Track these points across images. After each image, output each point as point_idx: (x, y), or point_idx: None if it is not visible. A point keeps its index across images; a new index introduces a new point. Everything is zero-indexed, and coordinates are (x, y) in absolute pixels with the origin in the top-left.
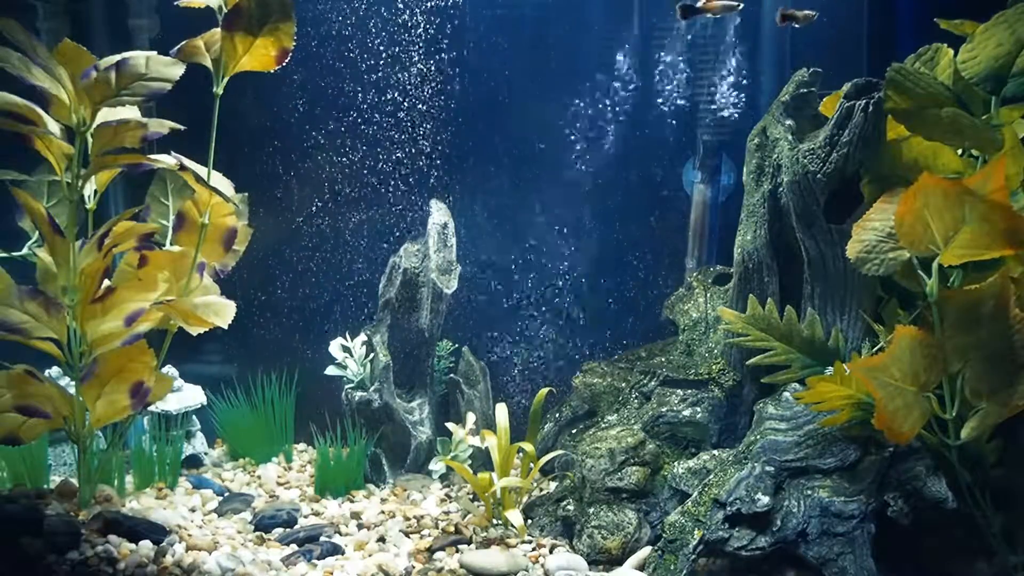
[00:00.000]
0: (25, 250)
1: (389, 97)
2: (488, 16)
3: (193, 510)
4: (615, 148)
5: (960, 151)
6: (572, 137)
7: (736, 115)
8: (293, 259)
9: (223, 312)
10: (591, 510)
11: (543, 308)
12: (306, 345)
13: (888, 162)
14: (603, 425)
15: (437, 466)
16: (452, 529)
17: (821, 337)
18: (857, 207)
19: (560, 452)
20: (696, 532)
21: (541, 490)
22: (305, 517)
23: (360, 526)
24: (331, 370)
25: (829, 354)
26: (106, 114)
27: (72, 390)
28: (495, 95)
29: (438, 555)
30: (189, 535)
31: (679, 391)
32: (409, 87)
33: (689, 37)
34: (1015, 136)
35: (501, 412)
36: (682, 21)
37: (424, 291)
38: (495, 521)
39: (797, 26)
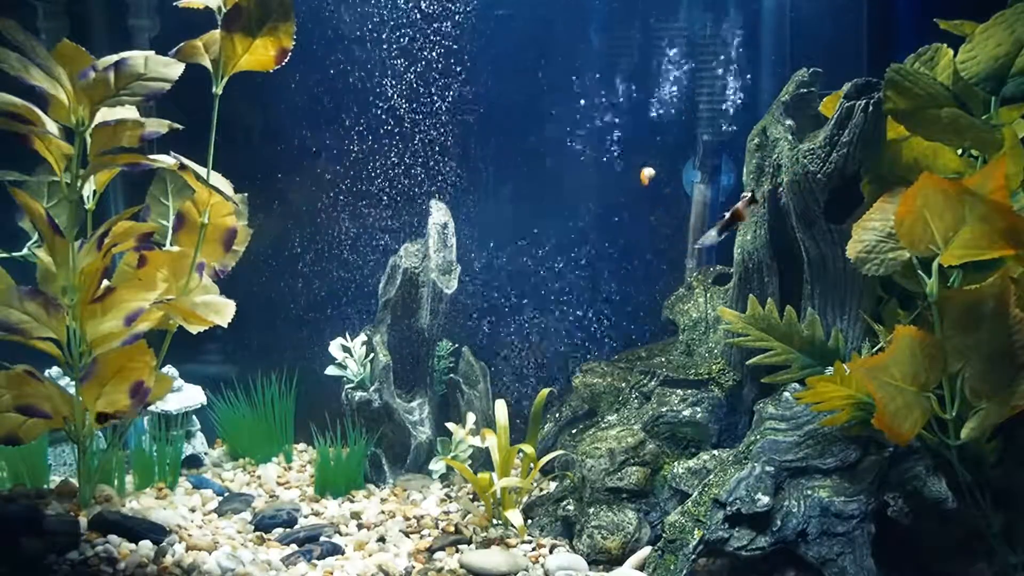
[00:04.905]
0: (25, 250)
1: (388, 97)
2: (489, 16)
3: (193, 510)
4: (615, 148)
5: (960, 151)
6: (572, 137)
7: (736, 115)
8: (293, 259)
9: (223, 311)
10: (591, 510)
11: (542, 308)
12: (306, 345)
13: (888, 162)
14: (603, 425)
15: (437, 466)
16: (452, 529)
17: (821, 337)
18: (857, 207)
19: (560, 452)
20: (696, 532)
21: (541, 490)
22: (305, 517)
23: (360, 526)
24: (331, 370)
25: (829, 354)
26: (105, 114)
27: (72, 390)
28: (494, 96)
29: (438, 555)
30: (189, 535)
31: (679, 391)
32: (407, 87)
33: (689, 37)
34: (1015, 136)
35: (501, 411)
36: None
37: (424, 291)
38: (495, 521)
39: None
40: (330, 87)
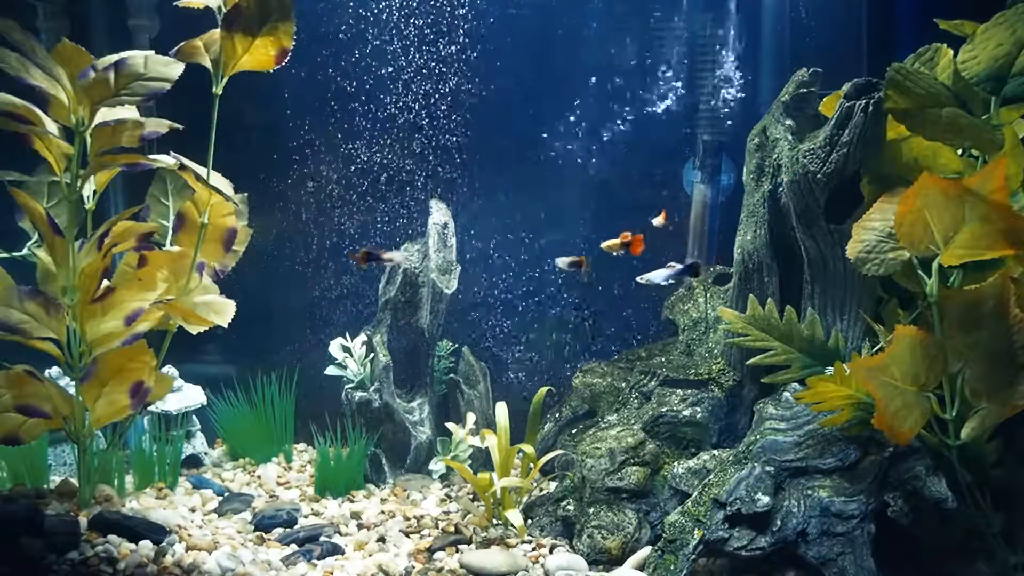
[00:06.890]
0: (25, 250)
1: (386, 96)
2: (489, 16)
3: (193, 510)
4: (615, 148)
5: (960, 151)
6: (572, 137)
7: (736, 115)
8: (294, 259)
9: (223, 311)
10: (591, 510)
11: (543, 307)
12: (306, 345)
13: (888, 162)
14: (603, 425)
15: (437, 466)
16: (452, 529)
17: (821, 337)
18: (857, 207)
19: (560, 452)
20: (696, 532)
21: (541, 490)
22: (305, 517)
23: (360, 526)
24: (331, 370)
25: (829, 354)
26: (105, 114)
27: (72, 390)
28: (495, 96)
29: (438, 555)
30: (189, 535)
31: (679, 391)
32: (407, 87)
33: (688, 37)
34: (1015, 136)
35: (501, 412)
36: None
37: (424, 291)
38: (495, 521)
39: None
40: (333, 88)
